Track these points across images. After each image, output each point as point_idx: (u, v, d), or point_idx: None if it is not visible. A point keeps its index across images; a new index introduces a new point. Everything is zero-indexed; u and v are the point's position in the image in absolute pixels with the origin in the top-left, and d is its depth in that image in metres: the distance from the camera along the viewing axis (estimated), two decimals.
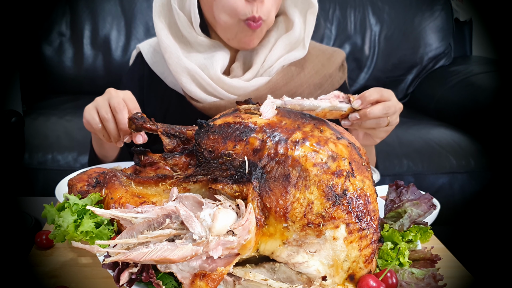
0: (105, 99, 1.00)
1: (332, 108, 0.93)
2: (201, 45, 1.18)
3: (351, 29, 2.59)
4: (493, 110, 2.04)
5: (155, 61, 1.25)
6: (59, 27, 2.43)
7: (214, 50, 1.18)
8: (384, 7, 2.60)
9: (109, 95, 1.00)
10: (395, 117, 0.99)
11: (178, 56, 1.15)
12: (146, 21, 2.45)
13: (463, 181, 1.93)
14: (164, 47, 1.16)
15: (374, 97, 0.95)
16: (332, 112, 0.93)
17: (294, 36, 1.19)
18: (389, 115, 0.97)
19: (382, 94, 0.96)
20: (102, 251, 0.62)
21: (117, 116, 0.98)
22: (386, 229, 0.78)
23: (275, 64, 1.18)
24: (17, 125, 1.03)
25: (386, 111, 0.96)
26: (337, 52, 1.28)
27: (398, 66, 2.60)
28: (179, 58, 1.15)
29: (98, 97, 1.02)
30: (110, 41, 2.44)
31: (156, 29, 1.18)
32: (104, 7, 2.44)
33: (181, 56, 1.15)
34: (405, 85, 2.65)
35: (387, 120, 0.98)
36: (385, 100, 0.96)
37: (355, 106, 0.95)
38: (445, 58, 2.66)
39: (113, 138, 1.00)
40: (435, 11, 2.63)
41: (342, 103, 0.94)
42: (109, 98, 0.99)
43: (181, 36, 1.19)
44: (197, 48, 1.19)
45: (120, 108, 0.98)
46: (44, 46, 2.42)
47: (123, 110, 0.98)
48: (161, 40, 1.17)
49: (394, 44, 2.60)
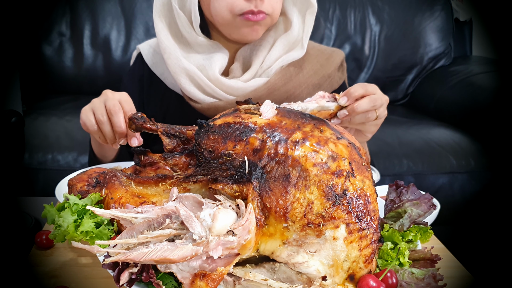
0: (101, 101, 1.00)
1: (320, 108, 0.94)
2: (200, 45, 1.18)
3: (351, 29, 2.59)
4: (493, 110, 2.04)
5: (154, 62, 1.25)
6: (59, 27, 2.43)
7: (213, 51, 1.18)
8: (384, 7, 2.60)
9: (106, 97, 1.00)
10: (383, 109, 1.00)
11: (177, 57, 1.15)
12: (146, 21, 2.45)
13: (463, 181, 1.93)
14: (163, 47, 1.17)
15: (360, 92, 0.96)
16: (321, 113, 0.94)
17: (292, 36, 1.19)
18: (377, 107, 0.98)
19: (367, 89, 0.97)
20: (102, 251, 0.62)
21: (113, 119, 0.98)
22: (386, 229, 0.78)
23: (274, 64, 1.18)
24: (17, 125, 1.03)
25: (373, 104, 0.97)
26: (336, 52, 1.28)
27: (398, 66, 2.60)
28: (178, 59, 1.15)
29: (95, 99, 1.02)
30: (110, 41, 2.44)
31: (156, 29, 1.18)
32: (104, 7, 2.44)
33: (180, 57, 1.15)
34: (405, 85, 2.65)
35: (375, 114, 0.99)
36: (371, 94, 0.97)
37: (342, 103, 0.95)
38: (445, 58, 2.66)
39: (109, 140, 1.00)
40: (435, 11, 2.63)
41: (329, 102, 0.95)
42: (105, 100, 0.99)
43: (180, 37, 1.19)
44: (196, 48, 1.19)
45: (116, 111, 0.97)
46: (44, 46, 2.42)
47: (118, 112, 0.98)
48: (160, 41, 1.17)
49: (394, 44, 2.60)
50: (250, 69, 1.18)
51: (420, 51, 2.62)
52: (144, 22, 2.45)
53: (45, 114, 2.08)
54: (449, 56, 2.67)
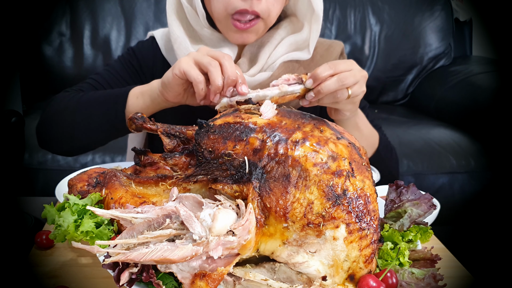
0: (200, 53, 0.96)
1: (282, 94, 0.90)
2: (209, 38, 1.20)
3: (351, 29, 2.59)
4: (493, 110, 2.04)
5: (167, 48, 1.28)
6: (59, 27, 2.43)
7: (222, 45, 1.21)
8: (384, 7, 2.61)
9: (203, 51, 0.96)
10: (358, 86, 0.96)
11: (186, 47, 1.18)
12: (146, 21, 2.45)
13: (463, 181, 1.93)
14: (174, 37, 1.19)
15: (327, 72, 0.92)
16: (284, 97, 0.91)
17: (301, 37, 1.20)
18: (348, 85, 0.94)
19: (337, 68, 0.93)
20: (102, 251, 0.62)
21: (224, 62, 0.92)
22: (386, 229, 0.78)
23: (278, 60, 1.20)
24: (17, 125, 1.03)
25: (342, 83, 0.92)
26: (335, 43, 1.29)
27: (398, 66, 2.60)
28: (187, 49, 1.18)
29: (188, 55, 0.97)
30: (110, 41, 2.45)
31: (168, 20, 1.21)
32: (104, 7, 2.44)
33: (190, 47, 1.18)
34: (405, 85, 2.65)
35: (346, 92, 0.94)
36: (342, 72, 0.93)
37: (308, 85, 0.92)
38: (445, 58, 2.66)
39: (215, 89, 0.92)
40: (435, 11, 2.63)
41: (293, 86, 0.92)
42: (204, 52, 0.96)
43: (192, 30, 1.22)
44: (205, 42, 1.22)
45: (223, 55, 0.93)
46: (44, 46, 2.42)
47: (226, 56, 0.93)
48: (172, 31, 1.20)
49: (394, 44, 2.60)
50: (256, 65, 1.20)
51: (420, 51, 2.62)
52: (144, 22, 2.46)
53: None
54: (449, 56, 2.67)
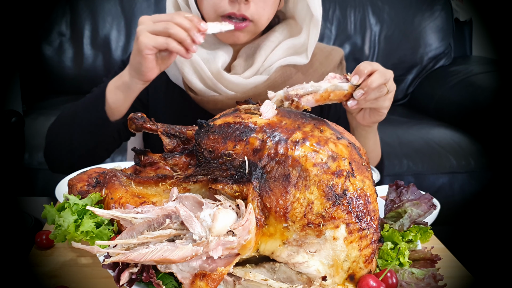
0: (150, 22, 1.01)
1: (334, 88, 0.90)
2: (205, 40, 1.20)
3: (351, 29, 2.59)
4: (493, 110, 2.04)
5: None
6: (59, 27, 2.43)
7: (218, 47, 1.20)
8: (384, 7, 2.61)
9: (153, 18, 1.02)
10: (391, 83, 0.99)
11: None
12: None
13: (463, 181, 1.93)
14: None
15: (369, 68, 0.94)
16: (335, 92, 0.91)
17: (299, 42, 1.20)
18: (387, 81, 0.96)
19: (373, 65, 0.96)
20: (102, 251, 0.62)
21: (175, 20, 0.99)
22: (386, 229, 0.78)
23: (275, 63, 1.19)
24: (17, 125, 1.03)
25: (384, 77, 0.95)
26: (335, 50, 1.29)
27: (398, 66, 2.60)
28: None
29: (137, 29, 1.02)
30: (110, 41, 2.45)
31: None
32: (104, 7, 2.44)
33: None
34: (405, 85, 2.66)
35: (386, 88, 0.97)
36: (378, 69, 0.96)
37: (355, 82, 0.92)
38: (445, 58, 2.66)
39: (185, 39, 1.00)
40: (435, 11, 2.63)
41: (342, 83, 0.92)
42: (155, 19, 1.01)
43: None
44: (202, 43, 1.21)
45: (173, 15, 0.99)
46: (44, 46, 2.42)
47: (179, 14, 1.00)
48: None
49: (394, 44, 2.60)
50: (252, 67, 1.20)
51: (420, 51, 2.62)
52: None
53: (45, 114, 2.08)
54: (449, 56, 2.67)
